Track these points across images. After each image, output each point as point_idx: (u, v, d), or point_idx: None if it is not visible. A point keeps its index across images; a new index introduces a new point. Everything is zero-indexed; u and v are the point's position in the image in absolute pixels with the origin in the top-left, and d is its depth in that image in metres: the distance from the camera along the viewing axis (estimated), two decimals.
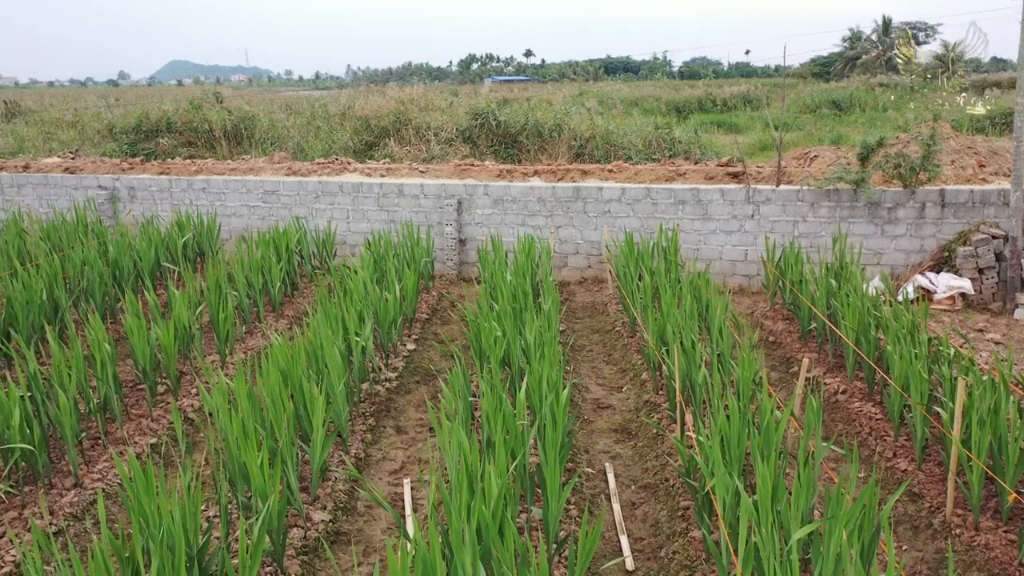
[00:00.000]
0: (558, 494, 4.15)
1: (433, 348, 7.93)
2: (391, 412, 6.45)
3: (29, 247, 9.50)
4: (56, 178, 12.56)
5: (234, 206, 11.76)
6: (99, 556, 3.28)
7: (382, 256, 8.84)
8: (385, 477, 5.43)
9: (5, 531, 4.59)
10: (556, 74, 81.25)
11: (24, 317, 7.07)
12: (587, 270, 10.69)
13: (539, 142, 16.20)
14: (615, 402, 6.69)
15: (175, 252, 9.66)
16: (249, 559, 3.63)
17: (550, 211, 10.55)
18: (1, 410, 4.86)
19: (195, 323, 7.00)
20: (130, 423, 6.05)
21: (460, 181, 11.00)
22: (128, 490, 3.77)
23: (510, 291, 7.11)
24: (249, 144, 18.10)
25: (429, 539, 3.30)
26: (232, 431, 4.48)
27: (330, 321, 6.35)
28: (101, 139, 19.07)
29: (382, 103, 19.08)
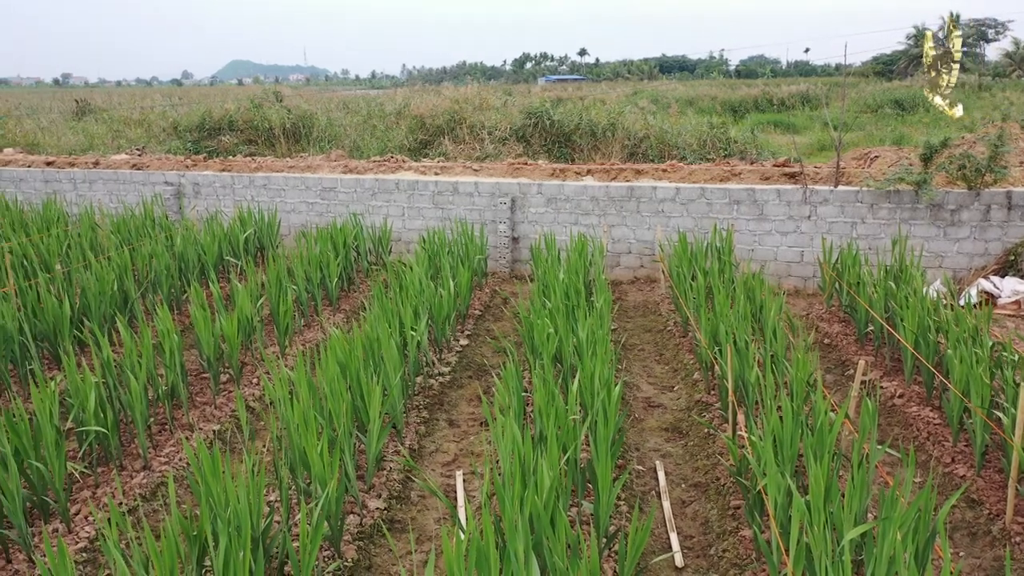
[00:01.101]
0: (609, 489, 4.20)
1: (486, 344, 8.04)
2: (444, 406, 6.57)
3: (100, 240, 9.90)
4: (125, 174, 13.03)
5: (293, 202, 12.05)
6: (170, 534, 3.44)
7: (436, 253, 8.98)
8: (438, 468, 5.55)
9: (80, 509, 4.83)
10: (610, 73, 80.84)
11: (97, 307, 7.39)
12: (639, 269, 10.68)
13: (592, 141, 16.20)
14: (666, 401, 6.70)
15: (237, 247, 9.96)
16: (309, 542, 3.76)
17: (603, 210, 10.57)
18: (78, 394, 5.11)
19: (256, 315, 7.22)
20: (195, 410, 6.28)
21: (513, 180, 11.09)
22: (196, 473, 3.94)
23: (562, 289, 7.17)
24: (307, 142, 18.48)
25: (483, 528, 3.38)
26: (293, 419, 4.64)
27: (386, 316, 6.49)
28: (166, 137, 19.69)
29: (437, 102, 19.29)
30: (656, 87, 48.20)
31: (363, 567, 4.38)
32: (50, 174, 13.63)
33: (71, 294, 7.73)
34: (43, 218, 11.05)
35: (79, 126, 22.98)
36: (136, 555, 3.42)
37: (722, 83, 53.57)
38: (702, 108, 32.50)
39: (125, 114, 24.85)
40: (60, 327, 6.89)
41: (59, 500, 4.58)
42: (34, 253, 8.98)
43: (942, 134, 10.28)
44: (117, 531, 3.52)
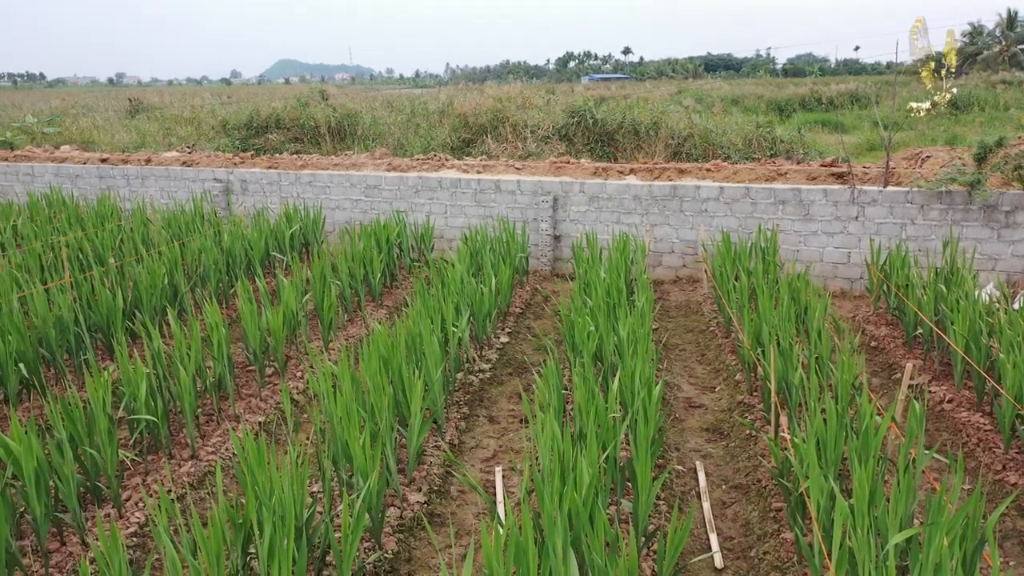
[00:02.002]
0: (648, 488, 4.19)
1: (526, 341, 8.06)
2: (484, 402, 6.61)
3: (152, 235, 10.16)
4: (175, 171, 13.34)
5: (338, 199, 12.21)
6: (216, 522, 3.52)
7: (478, 250, 9.03)
8: (477, 464, 5.58)
9: (131, 495, 4.98)
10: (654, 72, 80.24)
11: (148, 299, 7.59)
12: (682, 269, 10.61)
13: (635, 140, 16.12)
14: (707, 401, 6.65)
15: (283, 242, 10.13)
16: (350, 533, 3.82)
17: (645, 209, 10.52)
18: (130, 384, 5.26)
19: (301, 310, 7.35)
20: (241, 401, 6.42)
21: (556, 178, 11.09)
22: (242, 463, 4.03)
23: (604, 288, 7.16)
24: (352, 140, 18.72)
25: (521, 523, 3.40)
26: (336, 412, 4.71)
27: (428, 312, 6.55)
28: (215, 134, 20.11)
29: (480, 101, 19.38)
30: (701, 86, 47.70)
31: (403, 559, 4.43)
32: (104, 170, 14.02)
33: (124, 287, 7.95)
34: (98, 213, 11.38)
35: (132, 124, 23.58)
36: (184, 541, 3.51)
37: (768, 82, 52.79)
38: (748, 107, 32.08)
39: (176, 112, 25.42)
40: (113, 319, 7.09)
41: (111, 486, 4.72)
42: (89, 247, 9.25)
43: (997, 133, 10.01)
44: (166, 517, 3.62)
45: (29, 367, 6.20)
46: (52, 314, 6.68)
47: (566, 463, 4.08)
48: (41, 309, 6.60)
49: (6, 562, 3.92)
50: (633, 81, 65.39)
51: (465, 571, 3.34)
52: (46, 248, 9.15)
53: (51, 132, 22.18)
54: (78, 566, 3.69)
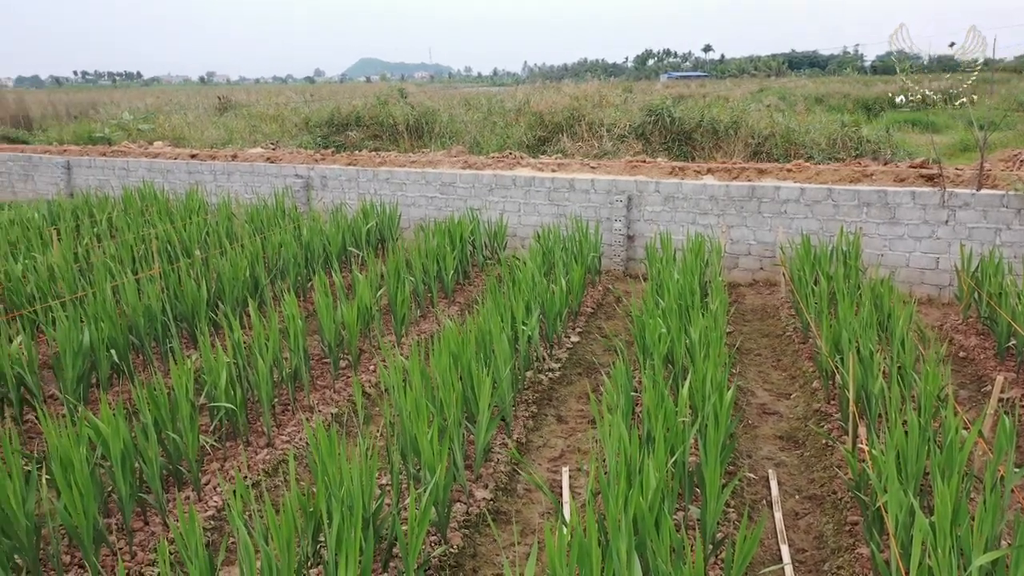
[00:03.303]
0: (717, 495, 4.11)
1: (596, 341, 8.01)
2: (552, 401, 6.60)
3: (236, 228, 10.51)
4: (259, 167, 13.77)
5: (414, 196, 12.39)
6: (288, 509, 3.62)
7: (551, 249, 9.02)
8: (544, 463, 5.58)
9: (209, 479, 5.17)
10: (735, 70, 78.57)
11: (230, 291, 7.86)
12: (758, 272, 10.35)
13: (714, 140, 15.82)
14: (782, 408, 6.47)
15: (360, 238, 10.33)
16: (416, 526, 3.87)
17: (722, 210, 10.31)
18: (211, 372, 5.45)
19: (375, 304, 7.48)
20: (315, 392, 6.58)
21: (631, 177, 10.98)
22: (314, 453, 4.13)
23: (677, 289, 7.05)
24: (429, 138, 18.96)
25: (586, 525, 3.38)
26: (406, 406, 4.78)
27: (499, 309, 6.58)
28: (298, 131, 20.66)
29: (556, 99, 19.35)
30: (784, 84, 46.46)
31: (468, 554, 4.46)
32: (193, 166, 14.59)
33: (208, 278, 8.24)
34: (186, 207, 11.84)
35: (220, 121, 24.44)
36: (257, 526, 3.61)
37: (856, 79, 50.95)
38: (833, 106, 31.08)
39: (262, 110, 26.23)
40: (197, 309, 7.36)
41: (191, 470, 4.91)
42: (177, 239, 9.64)
43: None
44: (241, 502, 3.74)
45: (119, 353, 6.50)
46: (141, 303, 6.98)
47: (633, 466, 4.03)
48: (132, 298, 6.91)
49: (93, 538, 4.12)
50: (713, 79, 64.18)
51: (528, 570, 3.34)
52: (138, 240, 9.57)
53: (146, 129, 23.20)
54: (159, 545, 3.84)
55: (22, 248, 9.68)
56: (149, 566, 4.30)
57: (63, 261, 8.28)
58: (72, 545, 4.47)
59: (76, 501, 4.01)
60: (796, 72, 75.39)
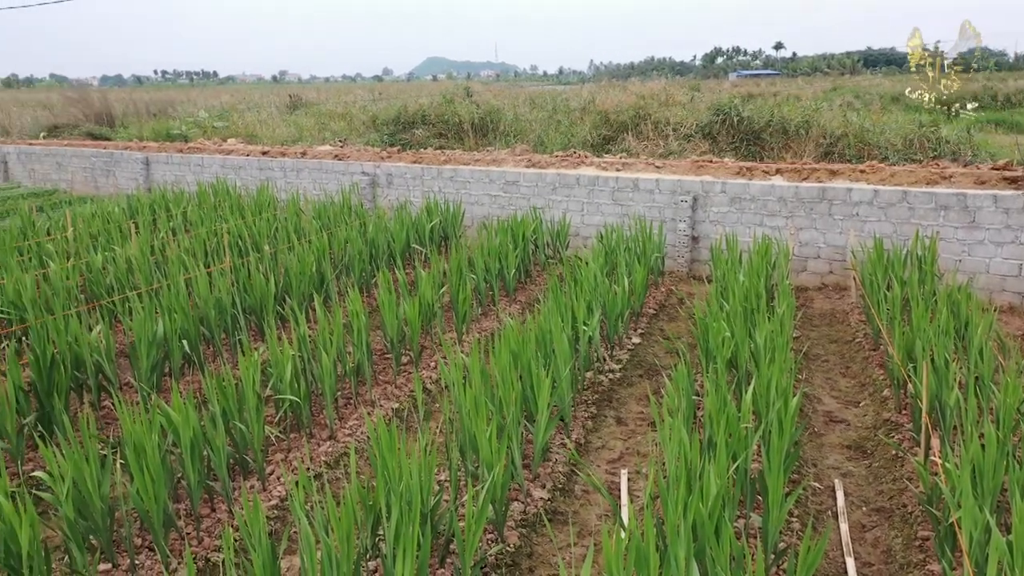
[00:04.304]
0: (780, 503, 4.01)
1: (658, 343, 7.91)
2: (612, 403, 6.55)
3: (303, 224, 10.74)
4: (327, 164, 14.05)
5: (477, 195, 12.45)
6: (348, 502, 3.67)
7: (613, 249, 8.95)
8: (603, 465, 5.54)
9: (274, 469, 5.29)
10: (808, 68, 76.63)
11: (297, 286, 8.04)
12: (828, 276, 10.07)
13: (783, 139, 15.47)
14: (850, 417, 6.28)
15: (423, 235, 10.44)
16: (474, 523, 3.89)
17: (791, 212, 10.06)
18: (277, 365, 5.58)
19: (437, 302, 7.55)
20: (377, 387, 6.68)
21: (696, 178, 10.81)
22: (374, 447, 4.19)
23: (742, 292, 6.92)
24: (494, 136, 19.04)
25: (644, 529, 3.34)
26: (465, 404, 4.81)
27: (560, 309, 6.56)
28: (365, 129, 21.00)
29: (622, 98, 19.21)
30: (858, 82, 45.13)
31: (524, 553, 4.46)
32: (264, 162, 14.97)
33: (276, 273, 8.44)
34: (256, 202, 12.16)
35: (291, 119, 25.03)
36: (318, 517, 3.68)
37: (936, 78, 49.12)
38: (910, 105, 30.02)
39: (331, 108, 26.77)
40: (265, 302, 7.55)
41: (256, 460, 5.03)
42: (247, 234, 9.91)
43: None
44: (303, 493, 3.81)
45: (191, 344, 6.72)
46: (212, 296, 7.20)
47: (693, 471, 3.96)
48: (203, 291, 7.13)
49: (163, 522, 4.27)
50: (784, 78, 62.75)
51: (585, 572, 3.32)
52: (210, 234, 9.87)
53: (220, 126, 23.91)
54: (224, 532, 3.96)
55: (102, 240, 10.10)
56: (215, 552, 4.43)
57: (140, 254, 8.60)
58: (143, 528, 4.63)
59: (148, 486, 4.15)
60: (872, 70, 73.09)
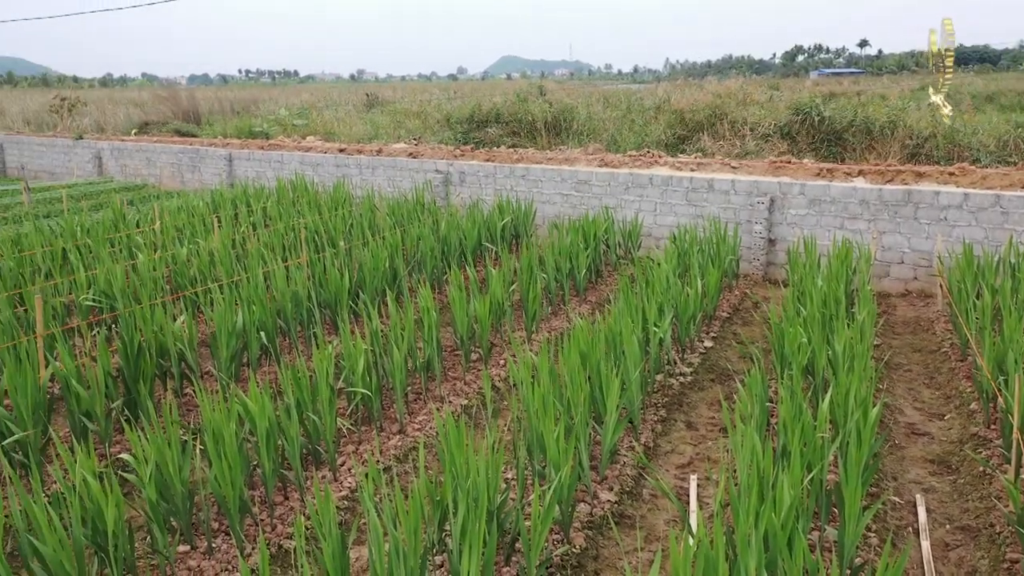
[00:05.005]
0: (857, 517, 3.87)
1: (731, 348, 7.75)
2: (683, 407, 6.44)
3: (377, 221, 10.92)
4: (402, 162, 14.25)
5: (549, 194, 12.44)
6: (416, 496, 3.71)
7: (686, 250, 8.81)
8: (672, 470, 5.46)
9: (345, 461, 5.39)
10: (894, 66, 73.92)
11: (371, 281, 8.18)
12: (912, 282, 9.69)
13: (867, 140, 14.95)
14: (934, 430, 6.03)
15: (494, 233, 10.49)
16: (540, 523, 3.88)
17: (873, 215, 9.72)
18: (350, 358, 5.69)
19: (507, 300, 7.57)
20: (446, 383, 6.74)
21: (774, 179, 10.55)
22: (443, 442, 4.22)
23: (820, 297, 6.71)
24: (567, 135, 18.97)
25: (713, 537, 3.27)
26: (533, 403, 4.80)
27: (630, 310, 6.49)
28: (439, 128, 21.21)
29: (698, 97, 18.89)
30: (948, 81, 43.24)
31: (590, 556, 4.43)
32: (341, 159, 15.28)
33: (350, 268, 8.61)
34: (333, 199, 12.42)
35: (367, 117, 25.49)
36: (387, 510, 3.73)
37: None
38: (1005, 105, 28.65)
39: (406, 107, 27.15)
40: (340, 297, 7.70)
41: (328, 451, 5.14)
42: (323, 230, 10.13)
43: None
44: (373, 486, 3.87)
45: (268, 335, 6.91)
46: (289, 289, 7.38)
47: (766, 480, 3.87)
48: (281, 284, 7.32)
49: (239, 508, 4.40)
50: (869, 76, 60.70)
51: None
52: (288, 229, 10.13)
53: (300, 124, 24.54)
54: (295, 520, 4.06)
55: (187, 233, 10.48)
56: (287, 539, 4.54)
57: (222, 247, 8.89)
58: (220, 513, 4.78)
59: (225, 472, 4.28)
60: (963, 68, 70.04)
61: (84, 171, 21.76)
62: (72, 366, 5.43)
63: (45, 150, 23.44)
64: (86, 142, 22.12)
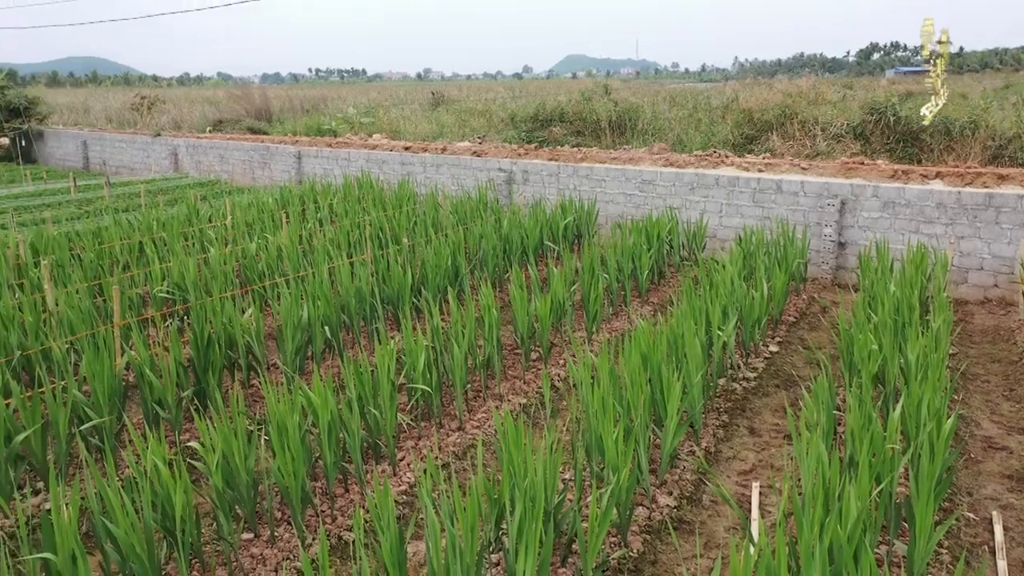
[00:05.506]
0: (928, 533, 3.73)
1: (797, 353, 7.56)
2: (746, 412, 6.31)
3: (441, 219, 11.02)
4: (466, 160, 14.33)
5: (612, 193, 12.34)
6: (474, 494, 3.72)
7: (752, 253, 8.63)
8: (733, 476, 5.35)
9: (404, 456, 5.45)
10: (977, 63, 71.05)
11: (433, 278, 8.25)
12: (992, 289, 9.29)
13: (946, 141, 14.40)
14: (1013, 444, 5.76)
15: (556, 233, 10.46)
16: (597, 525, 3.85)
17: (951, 219, 9.35)
18: (411, 355, 5.75)
19: (568, 299, 7.54)
20: (506, 382, 6.75)
21: (846, 180, 10.25)
22: (501, 441, 4.22)
23: (892, 303, 6.49)
24: (631, 134, 18.79)
25: (775, 547, 3.19)
26: (592, 404, 4.77)
27: (693, 312, 6.39)
28: (504, 126, 21.25)
29: (768, 96, 18.47)
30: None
31: (648, 560, 4.38)
32: (406, 157, 15.46)
33: (413, 265, 8.70)
34: (397, 196, 12.58)
35: (433, 116, 25.73)
36: (444, 506, 3.76)
37: None
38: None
39: (471, 105, 27.29)
40: (402, 293, 7.79)
41: (388, 445, 5.20)
42: (388, 226, 10.26)
43: None
44: (431, 481, 3.90)
45: (332, 330, 7.03)
46: (353, 285, 7.50)
47: (831, 491, 3.75)
48: (345, 280, 7.45)
49: (301, 498, 4.49)
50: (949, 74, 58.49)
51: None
52: (353, 226, 10.30)
53: (366, 122, 24.92)
54: (355, 513, 4.13)
55: (257, 229, 10.75)
56: (346, 531, 4.62)
57: (289, 242, 9.09)
58: (283, 503, 4.89)
59: (288, 463, 4.37)
60: None
61: (161, 167, 22.55)
62: (146, 355, 5.63)
63: (125, 146, 24.38)
64: (163, 139, 22.92)
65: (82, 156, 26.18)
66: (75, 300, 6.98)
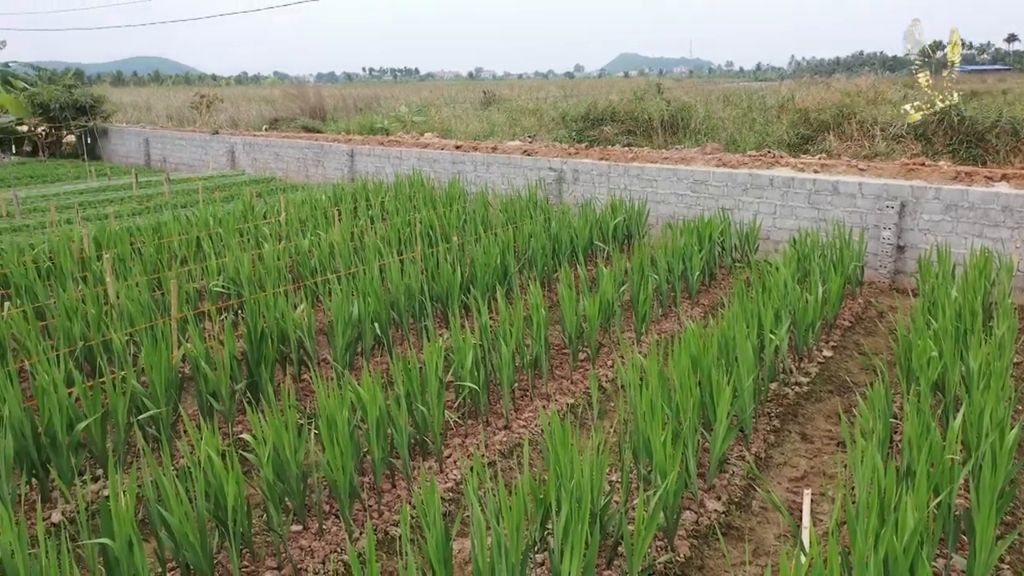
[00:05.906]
0: (989, 547, 3.60)
1: (852, 359, 7.38)
2: (798, 418, 6.18)
3: (490, 217, 11.04)
4: (516, 159, 14.34)
5: (663, 193, 12.22)
6: (520, 493, 3.72)
7: (807, 255, 8.45)
8: (784, 483, 5.25)
9: (451, 453, 5.48)
10: None
11: (481, 277, 8.27)
12: None
13: (1013, 142, 13.90)
14: None
15: (606, 232, 10.39)
16: (644, 528, 3.81)
17: (1018, 222, 9.02)
18: (459, 352, 5.77)
19: (617, 300, 7.48)
20: (553, 382, 6.73)
21: (906, 182, 9.97)
22: (547, 440, 4.21)
23: (954, 308, 6.29)
24: (684, 134, 18.58)
25: (828, 557, 3.12)
26: (640, 406, 4.72)
27: (745, 315, 6.28)
28: (555, 126, 21.21)
29: (825, 95, 18.07)
30: None
31: (694, 566, 4.32)
32: (457, 156, 15.54)
33: (463, 263, 8.74)
34: (447, 195, 12.65)
35: (484, 115, 25.81)
36: (490, 505, 3.76)
37: None
38: None
39: (522, 104, 27.31)
40: (451, 291, 7.83)
41: (435, 442, 5.23)
42: (438, 225, 10.33)
43: None
44: (477, 479, 3.91)
45: (381, 327, 7.10)
46: (403, 282, 7.57)
47: (887, 501, 3.65)
48: (395, 277, 7.52)
49: (349, 492, 4.54)
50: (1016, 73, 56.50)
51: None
52: (404, 224, 10.39)
53: (419, 121, 25.13)
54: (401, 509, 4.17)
55: (310, 226, 10.92)
56: (393, 526, 4.66)
57: (341, 239, 9.21)
58: (331, 496, 4.95)
59: (337, 457, 4.43)
60: None
61: (218, 164, 23.08)
62: (202, 348, 5.76)
63: (184, 144, 25.03)
64: (221, 137, 23.45)
65: (144, 153, 26.95)
66: (135, 293, 7.18)
